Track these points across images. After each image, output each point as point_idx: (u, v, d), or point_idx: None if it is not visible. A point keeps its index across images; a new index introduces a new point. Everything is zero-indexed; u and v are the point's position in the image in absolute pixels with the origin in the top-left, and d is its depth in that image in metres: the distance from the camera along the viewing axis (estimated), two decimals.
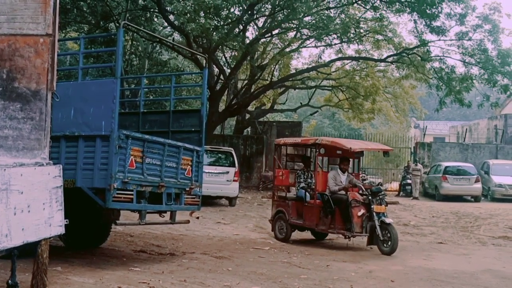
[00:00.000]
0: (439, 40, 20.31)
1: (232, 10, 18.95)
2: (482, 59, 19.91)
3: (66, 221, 5.20)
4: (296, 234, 11.65)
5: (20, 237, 4.49)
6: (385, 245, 9.95)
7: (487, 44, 19.78)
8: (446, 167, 23.32)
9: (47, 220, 4.85)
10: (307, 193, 11.28)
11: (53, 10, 5.07)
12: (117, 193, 7.00)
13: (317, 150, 11.22)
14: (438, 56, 21.10)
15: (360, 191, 10.56)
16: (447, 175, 22.58)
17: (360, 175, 12.42)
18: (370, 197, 10.22)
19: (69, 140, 7.28)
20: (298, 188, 11.61)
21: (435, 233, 13.47)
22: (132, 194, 7.27)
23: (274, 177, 12.20)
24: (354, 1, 20.06)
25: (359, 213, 10.15)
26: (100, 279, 6.46)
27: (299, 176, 11.73)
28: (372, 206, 10.10)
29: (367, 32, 21.93)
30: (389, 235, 9.92)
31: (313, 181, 11.42)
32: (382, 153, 12.09)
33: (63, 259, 7.35)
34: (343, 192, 10.73)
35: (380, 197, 10.25)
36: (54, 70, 5.14)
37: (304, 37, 22.46)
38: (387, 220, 10.00)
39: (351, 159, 12.00)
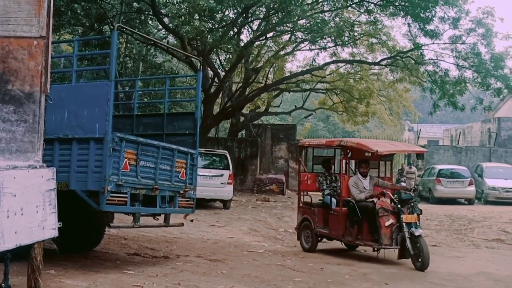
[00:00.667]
0: (433, 43, 20.40)
1: (226, 13, 18.97)
2: (476, 62, 19.99)
3: (60, 224, 5.18)
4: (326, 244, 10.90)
5: (13, 240, 4.46)
6: (418, 259, 8.80)
7: (481, 48, 19.88)
8: (440, 170, 23.41)
9: (40, 223, 4.83)
10: (333, 199, 10.31)
11: (47, 12, 5.06)
12: (111, 196, 6.99)
13: (342, 153, 10.35)
14: (431, 59, 21.18)
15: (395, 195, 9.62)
16: (441, 178, 22.67)
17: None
18: (399, 206, 9.17)
19: (62, 143, 7.27)
20: (324, 194, 10.65)
21: (429, 235, 13.50)
22: (126, 197, 7.26)
23: (299, 182, 11.17)
24: (348, 4, 20.11)
25: (387, 223, 9.14)
26: (94, 283, 6.44)
27: (321, 183, 10.83)
28: (401, 216, 9.05)
29: (361, 35, 21.99)
30: (419, 248, 8.82)
31: (338, 185, 10.53)
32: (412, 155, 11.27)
33: (56, 262, 7.31)
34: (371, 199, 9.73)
35: (412, 205, 9.18)
36: (48, 73, 5.13)
37: (298, 40, 22.50)
38: (416, 232, 8.88)
39: (380, 162, 11.10)
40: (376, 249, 9.47)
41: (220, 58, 25.24)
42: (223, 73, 23.00)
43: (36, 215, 4.78)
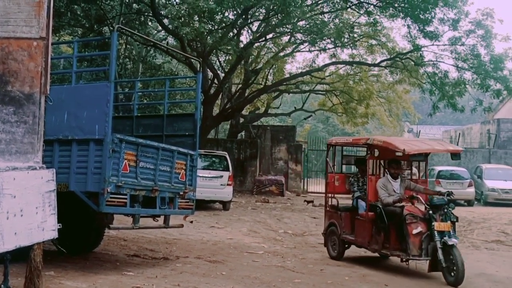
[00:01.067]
0: (433, 45, 20.41)
1: (226, 14, 18.97)
2: (475, 64, 20.01)
3: (59, 225, 5.17)
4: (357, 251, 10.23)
5: (13, 241, 4.46)
6: (451, 273, 7.88)
7: (480, 49, 19.89)
8: (440, 171, 23.40)
9: (40, 224, 4.82)
10: (362, 203, 9.41)
11: (46, 14, 5.06)
12: (111, 197, 6.98)
13: (369, 152, 9.47)
14: (431, 61, 21.20)
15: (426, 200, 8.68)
16: (440, 179, 22.66)
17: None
18: (430, 212, 8.25)
19: (62, 144, 7.27)
20: (353, 196, 9.86)
21: None
22: (125, 198, 7.26)
23: (326, 183, 10.36)
24: (348, 6, 20.12)
25: (415, 231, 8.19)
26: (93, 284, 6.43)
27: (352, 184, 10.02)
28: (432, 223, 8.12)
29: (361, 37, 22.01)
30: (453, 260, 7.88)
31: None
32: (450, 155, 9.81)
33: (56, 263, 7.31)
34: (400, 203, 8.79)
35: (445, 211, 8.21)
36: (48, 74, 5.13)
37: (298, 41, 22.50)
38: (450, 241, 7.91)
39: (412, 162, 10.32)
40: (404, 259, 8.63)
41: (220, 60, 25.24)
42: (223, 75, 23.00)
43: (36, 216, 4.78)
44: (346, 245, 9.73)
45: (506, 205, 21.17)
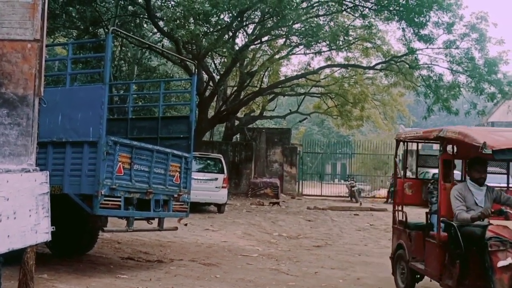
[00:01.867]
0: (427, 48, 20.48)
1: (221, 16, 18.98)
2: (469, 67, 20.08)
3: (53, 228, 5.15)
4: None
5: (6, 244, 4.44)
6: None
7: (474, 53, 19.96)
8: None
9: (33, 227, 4.80)
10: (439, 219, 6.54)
11: (41, 15, 5.05)
12: (105, 200, 6.97)
13: (441, 149, 6.66)
14: (426, 64, 21.26)
15: None
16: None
17: (348, 182, 8.45)
18: None
19: (56, 146, 7.25)
20: (431, 210, 7.41)
21: None
22: (119, 201, 7.25)
23: (395, 191, 8.07)
24: (343, 9, 20.18)
25: (502, 263, 5.52)
26: (87, 287, 6.41)
27: (431, 193, 7.73)
28: None
29: (356, 40, 22.06)
30: None
31: None
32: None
33: (49, 266, 7.28)
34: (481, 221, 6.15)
35: None
36: (42, 76, 5.11)
37: (293, 44, 22.55)
38: None
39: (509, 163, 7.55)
40: None
41: (215, 62, 25.25)
42: (218, 77, 23.02)
43: (29, 219, 4.75)
44: (417, 276, 7.17)
45: None
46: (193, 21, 17.02)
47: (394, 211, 7.97)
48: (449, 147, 7.03)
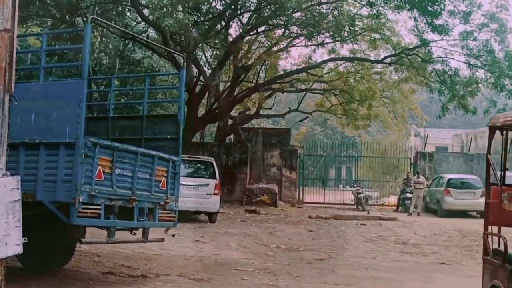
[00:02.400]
0: (442, 40, 20.57)
1: (213, 4, 19.04)
2: (488, 61, 20.16)
3: (25, 239, 5.14)
4: None
5: None
6: None
7: (494, 45, 20.05)
8: (449, 179, 23.53)
9: (2, 238, 4.79)
10: None
11: (12, 3, 5.05)
12: (83, 208, 6.95)
13: None
14: (440, 57, 21.34)
15: None
16: (450, 189, 22.78)
17: (354, 189, 8.76)
18: None
19: (29, 148, 7.23)
20: None
21: (437, 252, 13.56)
22: (99, 209, 7.23)
23: (486, 204, 6.23)
24: None
25: None
26: None
27: None
28: None
29: (363, 30, 22.11)
30: None
31: None
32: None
33: (20, 281, 7.26)
34: None
35: None
36: (13, 70, 5.11)
37: (293, 35, 22.57)
38: None
39: None
40: None
41: (206, 55, 25.28)
42: (210, 71, 23.02)
43: None
44: None
45: None
46: (181, 9, 17.04)
47: (486, 235, 6.14)
48: None
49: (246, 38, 22.06)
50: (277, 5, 17.62)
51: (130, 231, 8.50)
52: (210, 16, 18.69)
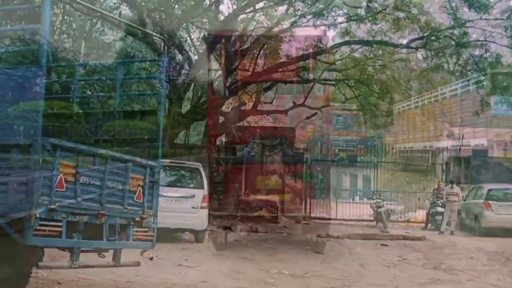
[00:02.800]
0: (481, 19, 20.58)
1: None
2: None
3: None
4: None
5: None
6: None
7: None
8: (490, 190, 23.52)
9: None
10: None
11: None
12: (40, 224, 6.94)
13: None
14: (478, 40, 21.38)
15: None
16: (490, 201, 22.76)
17: (374, 201, 9.02)
18: None
19: None
20: None
21: (475, 279, 13.57)
22: (60, 226, 7.22)
23: None
24: None
25: None
26: None
27: None
28: None
29: (384, 8, 22.12)
30: None
31: None
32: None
33: None
34: None
35: None
36: None
37: (298, 13, 22.59)
38: None
39: None
40: None
41: (192, 37, 25.30)
42: (196, 57, 23.03)
43: None
44: None
45: None
46: None
47: None
48: None
49: (241, 16, 22.09)
50: None
51: (98, 253, 8.49)
52: None
